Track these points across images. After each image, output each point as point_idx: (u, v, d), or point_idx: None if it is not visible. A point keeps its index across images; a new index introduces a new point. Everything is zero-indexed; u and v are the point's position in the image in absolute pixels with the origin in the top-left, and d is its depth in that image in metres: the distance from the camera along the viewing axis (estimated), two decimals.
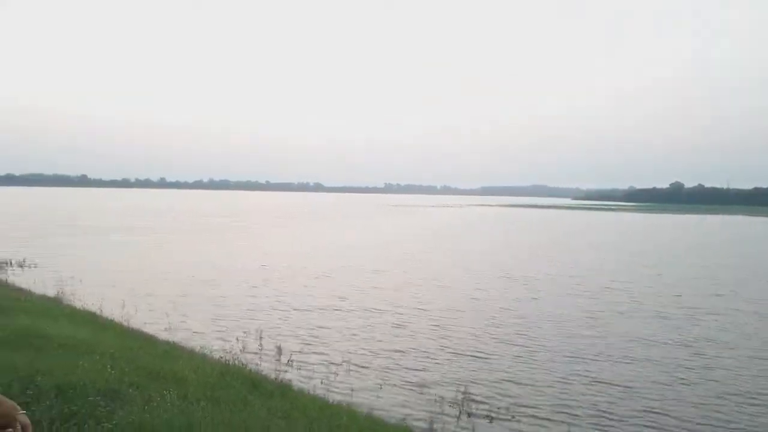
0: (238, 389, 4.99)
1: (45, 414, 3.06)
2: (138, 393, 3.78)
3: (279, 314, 11.88)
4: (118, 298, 12.26)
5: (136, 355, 5.35)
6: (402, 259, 21.72)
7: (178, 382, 4.48)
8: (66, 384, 3.58)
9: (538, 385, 7.90)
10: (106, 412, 3.26)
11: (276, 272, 17.58)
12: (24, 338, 4.97)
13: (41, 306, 7.75)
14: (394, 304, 13.23)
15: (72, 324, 6.73)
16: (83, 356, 4.54)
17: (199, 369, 5.36)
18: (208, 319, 11.23)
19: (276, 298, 13.48)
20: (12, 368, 3.75)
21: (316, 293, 14.31)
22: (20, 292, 9.38)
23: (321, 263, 19.98)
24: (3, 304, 6.93)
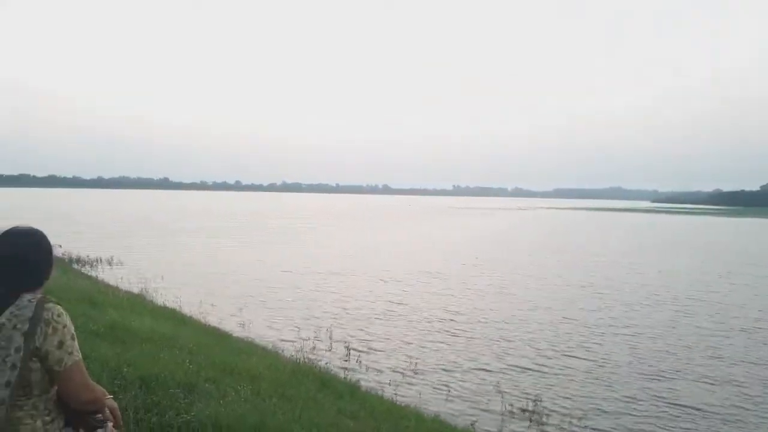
0: (309, 388, 5.09)
1: (130, 403, 3.24)
2: (214, 387, 3.93)
3: (349, 315, 12.03)
4: (196, 295, 12.83)
5: (213, 351, 5.57)
6: (472, 265, 21.44)
7: (252, 379, 4.62)
8: (149, 376, 3.76)
9: (612, 400, 7.58)
10: (185, 404, 3.40)
11: (348, 274, 17.84)
12: (112, 331, 5.28)
13: (127, 302, 8.22)
14: (463, 309, 13.09)
15: (154, 319, 7.10)
16: (164, 350, 4.77)
17: (271, 366, 5.51)
18: (281, 318, 11.53)
19: (346, 300, 13.66)
20: (102, 359, 3.98)
21: (387, 296, 14.37)
22: (109, 288, 10.00)
23: (391, 266, 20.09)
24: (95, 299, 7.40)
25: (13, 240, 1.98)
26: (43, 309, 1.80)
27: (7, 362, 1.73)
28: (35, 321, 1.77)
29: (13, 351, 1.74)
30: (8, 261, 1.93)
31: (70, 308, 5.33)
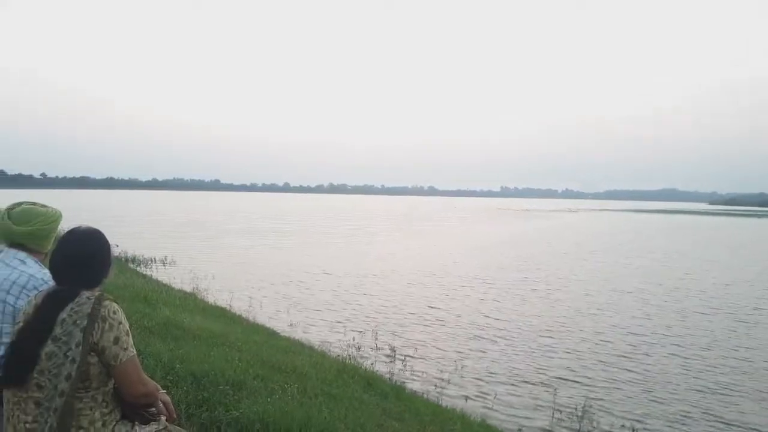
0: (354, 387, 5.12)
1: (182, 398, 3.33)
2: (262, 384, 4.00)
3: (396, 316, 12.04)
4: (246, 294, 13.12)
5: (261, 349, 5.67)
6: (524, 268, 21.10)
7: (299, 377, 4.68)
8: (200, 372, 3.86)
9: (664, 414, 7.31)
10: (234, 400, 3.48)
11: (396, 275, 17.86)
12: (166, 328, 5.45)
13: (180, 300, 8.47)
14: (510, 315, 12.90)
15: (205, 317, 7.29)
16: (214, 347, 4.89)
17: (317, 365, 5.56)
18: (327, 318, 11.65)
19: (393, 303, 13.68)
20: (156, 355, 4.11)
21: (436, 298, 14.31)
22: (162, 287, 10.32)
23: (441, 268, 20.00)
24: (150, 297, 7.64)
25: (76, 239, 2.07)
26: (101, 306, 1.88)
27: (68, 356, 1.81)
28: (93, 317, 1.85)
29: (73, 346, 1.82)
30: (70, 259, 2.02)
31: (127, 306, 5.53)
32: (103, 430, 1.89)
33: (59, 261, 2.03)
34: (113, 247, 2.20)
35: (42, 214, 2.91)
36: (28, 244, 2.93)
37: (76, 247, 2.04)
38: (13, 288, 2.83)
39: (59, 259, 2.03)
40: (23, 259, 2.91)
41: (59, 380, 1.80)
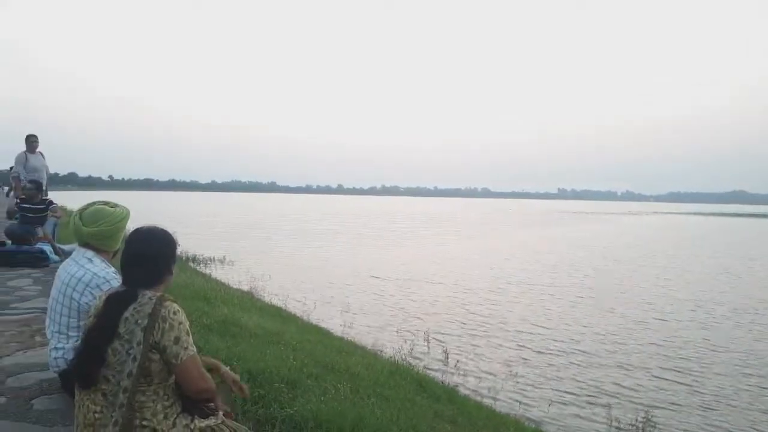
0: (406, 389, 5.11)
1: (238, 395, 3.41)
2: (315, 383, 4.05)
3: (449, 319, 11.97)
4: (300, 294, 13.33)
5: (314, 348, 5.75)
6: (587, 274, 20.57)
7: (351, 377, 4.71)
8: (256, 369, 3.95)
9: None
10: (289, 398, 3.54)
11: (450, 279, 17.74)
12: (224, 326, 5.60)
13: (237, 299, 8.68)
14: (573, 318, 12.59)
15: (261, 316, 7.45)
16: (270, 346, 4.99)
17: (370, 366, 5.59)
18: (381, 319, 11.70)
19: (449, 304, 13.62)
20: (215, 352, 4.23)
21: (491, 302, 14.13)
22: (221, 286, 10.61)
23: (497, 272, 19.74)
24: (209, 295, 7.87)
25: (138, 239, 2.17)
26: (161, 306, 1.96)
27: (130, 354, 1.90)
28: (154, 317, 1.93)
29: (135, 344, 1.91)
30: (133, 258, 2.12)
31: (187, 304, 5.72)
32: (165, 422, 1.97)
33: (124, 260, 2.13)
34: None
35: (109, 215, 3.06)
36: (95, 243, 3.11)
37: (138, 247, 2.13)
38: (78, 285, 3.01)
39: (124, 259, 2.13)
40: (91, 257, 3.09)
41: (122, 376, 1.89)
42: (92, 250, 3.06)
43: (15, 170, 9.45)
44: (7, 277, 7.37)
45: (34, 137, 9.58)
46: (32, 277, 7.47)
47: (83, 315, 2.99)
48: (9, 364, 3.81)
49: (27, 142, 9.53)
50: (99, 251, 3.07)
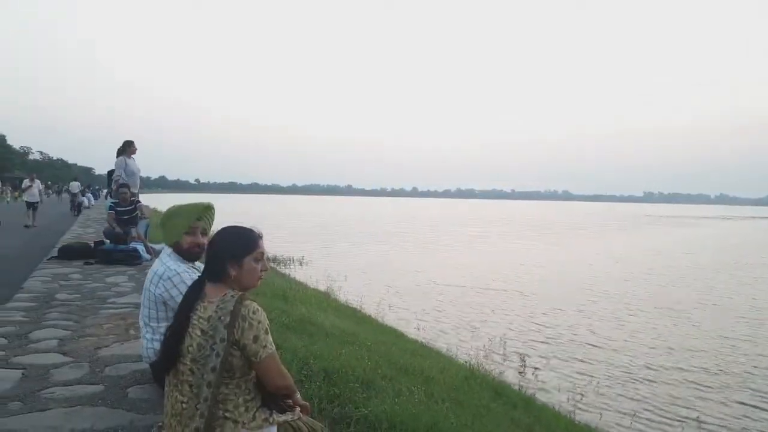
0: (481, 395, 5.03)
1: (315, 393, 3.49)
2: (390, 385, 4.06)
3: (528, 325, 11.69)
4: (376, 296, 13.44)
5: (389, 350, 5.77)
6: (680, 284, 19.48)
7: (426, 381, 4.69)
8: (331, 369, 4.01)
9: None
10: (363, 398, 3.57)
11: (529, 284, 17.34)
12: (301, 325, 5.73)
13: (314, 298, 8.88)
14: (662, 329, 11.96)
15: (337, 316, 7.58)
16: (345, 345, 5.06)
17: (444, 370, 5.55)
18: (456, 323, 11.60)
19: (527, 310, 13.30)
20: (293, 350, 4.34)
21: (573, 310, 13.67)
22: (299, 286, 10.90)
23: (581, 279, 19.06)
24: (288, 294, 8.10)
25: (213, 236, 2.27)
26: (242, 305, 2.03)
27: (214, 350, 1.99)
28: (234, 315, 2.00)
29: (218, 341, 1.99)
30: (206, 254, 2.23)
31: (268, 302, 5.91)
32: (246, 414, 2.05)
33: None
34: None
35: (169, 214, 3.35)
36: (164, 241, 3.42)
37: (209, 244, 2.25)
38: (154, 278, 3.25)
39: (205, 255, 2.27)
40: (169, 254, 3.34)
41: (206, 371, 1.99)
42: (170, 247, 3.29)
43: (116, 174, 10.13)
44: (105, 274, 7.93)
45: (132, 143, 10.23)
46: (127, 274, 7.99)
47: (160, 306, 3.18)
48: (107, 355, 4.08)
49: (125, 148, 10.17)
50: (173, 248, 3.28)
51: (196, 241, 3.19)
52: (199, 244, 3.20)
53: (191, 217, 3.19)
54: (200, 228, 3.21)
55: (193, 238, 3.19)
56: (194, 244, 3.19)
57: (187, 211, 3.22)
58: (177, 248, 3.23)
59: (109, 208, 9.99)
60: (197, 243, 3.19)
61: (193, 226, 3.19)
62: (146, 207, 10.66)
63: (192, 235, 3.19)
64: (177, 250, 3.24)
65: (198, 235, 3.20)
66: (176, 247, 3.23)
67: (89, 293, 6.49)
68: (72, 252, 9.49)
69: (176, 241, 3.20)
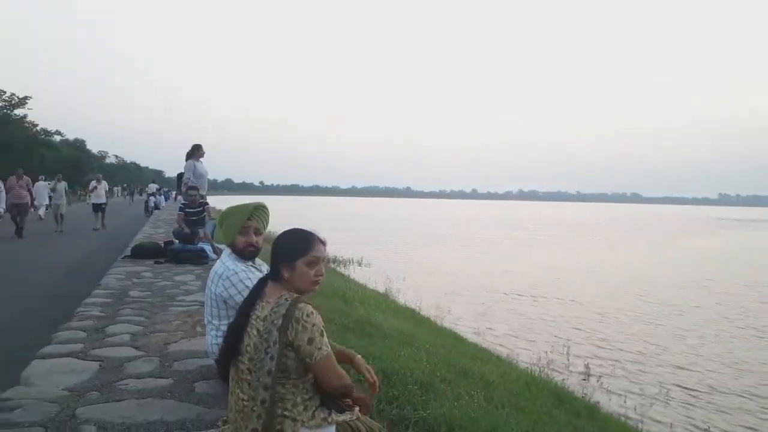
0: (543, 402, 4.91)
1: (375, 394, 3.50)
2: (449, 388, 4.03)
3: (594, 332, 11.32)
4: (434, 298, 13.36)
5: (448, 353, 5.73)
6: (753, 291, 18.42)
7: (485, 385, 4.63)
8: (390, 370, 4.02)
9: None
10: (422, 401, 3.55)
11: (595, 289, 16.81)
12: (360, 326, 5.78)
13: (373, 299, 8.93)
14: (740, 339, 11.32)
15: (395, 317, 7.60)
16: (403, 347, 5.06)
17: (504, 375, 5.45)
18: (517, 328, 11.39)
19: (594, 316, 12.89)
20: (353, 350, 4.38)
21: (641, 316, 13.15)
22: (358, 286, 10.99)
23: (650, 284, 18.28)
24: (347, 295, 8.19)
25: (280, 238, 2.31)
26: (295, 308, 2.06)
27: (268, 353, 2.03)
28: (287, 318, 2.03)
29: (272, 343, 2.03)
30: (273, 256, 2.28)
31: (326, 303, 5.99)
32: (305, 413, 2.08)
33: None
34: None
35: (224, 215, 3.45)
36: (220, 241, 3.53)
37: (273, 245, 2.31)
38: (215, 277, 3.37)
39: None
40: (228, 254, 3.45)
41: (262, 373, 2.03)
42: (229, 247, 3.39)
43: (186, 177, 10.55)
44: (174, 273, 8.27)
45: (200, 146, 10.62)
46: (194, 273, 8.30)
47: (221, 304, 3.28)
48: (175, 350, 4.26)
49: (194, 151, 10.57)
50: (231, 248, 3.39)
51: (249, 241, 3.27)
52: (252, 243, 3.27)
53: (242, 217, 3.28)
54: (252, 227, 3.28)
55: (246, 238, 3.27)
56: (247, 243, 3.27)
57: (239, 211, 3.31)
58: (233, 248, 3.33)
59: (179, 210, 10.43)
60: (250, 242, 3.27)
61: (244, 226, 3.26)
62: (213, 208, 11.05)
63: (245, 235, 3.27)
64: (234, 250, 3.34)
65: (251, 235, 3.28)
66: (232, 247, 3.33)
67: (159, 291, 6.79)
68: (144, 251, 9.96)
69: (231, 241, 3.30)
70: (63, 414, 2.98)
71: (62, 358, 3.96)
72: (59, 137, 57.38)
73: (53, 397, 3.22)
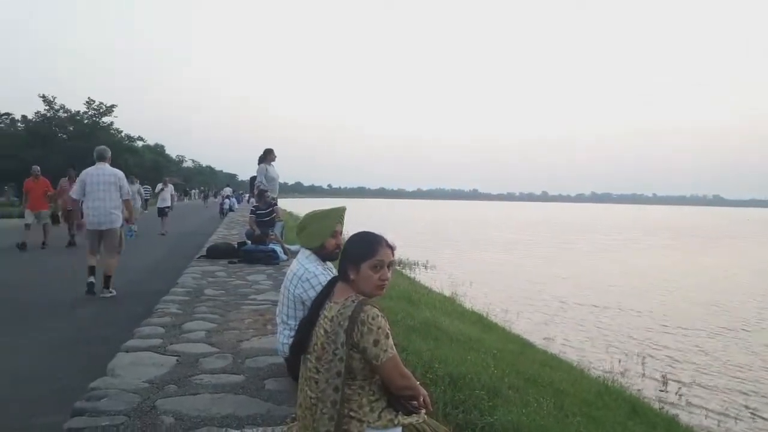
0: (617, 412, 4.72)
1: (440, 397, 3.49)
2: (517, 395, 3.95)
3: (672, 341, 10.77)
4: (503, 303, 13.14)
5: (516, 359, 5.61)
6: None
7: (555, 393, 4.50)
8: (456, 374, 3.99)
9: None
10: (489, 406, 3.50)
11: (676, 296, 16.02)
12: (426, 328, 5.76)
13: (439, 302, 8.88)
14: None
15: (462, 322, 7.51)
16: (470, 352, 5.00)
17: (576, 383, 5.28)
18: (589, 335, 11.00)
19: (672, 323, 12.27)
20: (417, 353, 4.38)
21: (724, 324, 12.40)
22: (424, 289, 10.96)
23: (735, 292, 17.23)
24: (412, 297, 8.19)
25: (349, 241, 2.35)
26: (361, 310, 2.07)
27: (336, 354, 2.05)
28: (353, 320, 2.05)
29: (339, 345, 2.06)
30: (341, 258, 2.32)
31: (392, 304, 6.02)
32: (371, 414, 2.09)
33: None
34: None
35: (315, 218, 3.54)
36: (303, 244, 3.63)
37: (343, 247, 2.34)
38: (293, 278, 3.46)
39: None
40: (307, 255, 3.55)
41: (331, 374, 2.06)
42: (308, 249, 3.49)
43: (257, 180, 10.90)
44: (247, 273, 8.55)
45: (272, 150, 10.94)
46: (266, 273, 8.56)
47: (298, 305, 3.36)
48: (247, 348, 4.40)
49: (266, 155, 10.89)
50: (313, 250, 3.47)
51: (338, 243, 3.41)
52: (340, 245, 3.38)
53: (336, 221, 3.44)
54: (340, 230, 3.45)
55: (336, 240, 3.45)
56: (337, 245, 3.43)
57: (335, 214, 3.45)
58: (321, 250, 3.43)
59: (250, 212, 10.80)
60: (339, 244, 3.40)
61: (337, 230, 3.42)
62: (282, 210, 11.37)
63: (335, 238, 3.44)
64: (320, 252, 3.44)
65: (339, 237, 3.42)
66: (321, 249, 3.43)
67: (232, 290, 7.04)
68: (218, 251, 10.38)
69: (321, 243, 3.41)
70: (144, 405, 3.14)
71: (143, 352, 4.18)
72: (141, 142, 60.68)
73: (135, 388, 3.41)
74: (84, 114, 44.87)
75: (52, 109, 43.60)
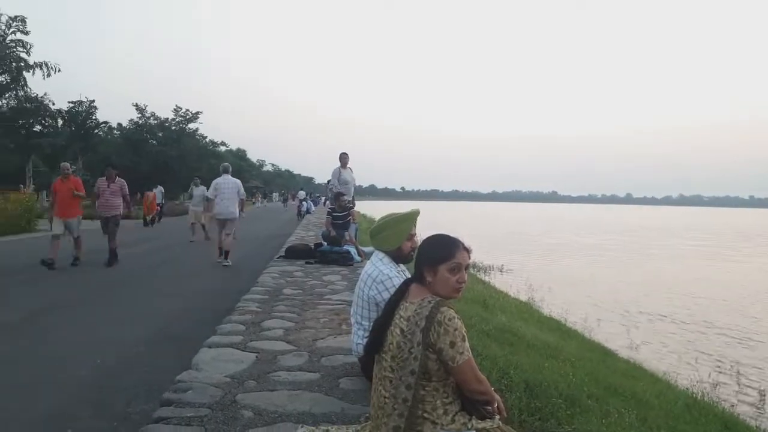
0: (707, 427, 4.43)
1: (515, 404, 3.41)
2: (596, 405, 3.80)
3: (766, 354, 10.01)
4: (582, 310, 12.67)
5: (596, 368, 5.40)
6: None
7: (638, 404, 4.29)
8: (533, 381, 3.89)
9: None
10: (567, 415, 3.39)
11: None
12: (501, 334, 5.67)
13: (515, 307, 8.71)
14: None
15: (539, 328, 7.32)
16: (547, 359, 4.86)
17: (661, 395, 5.02)
18: (676, 345, 10.41)
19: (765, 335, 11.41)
20: (492, 358, 4.31)
21: None
22: (499, 293, 10.78)
23: None
24: (487, 302, 8.08)
25: (425, 243, 2.35)
26: (438, 311, 2.07)
27: (412, 353, 2.06)
28: (430, 320, 2.05)
29: (415, 344, 2.06)
30: (416, 260, 2.33)
31: (467, 308, 5.96)
32: (444, 417, 2.08)
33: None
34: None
35: (392, 222, 3.57)
36: (378, 247, 3.66)
37: (418, 249, 2.35)
38: (368, 280, 3.51)
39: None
40: (381, 258, 3.59)
41: (405, 373, 2.07)
42: (382, 251, 3.54)
43: (331, 183, 11.15)
44: (323, 273, 8.75)
45: (345, 154, 11.16)
46: (341, 273, 8.72)
47: (372, 306, 3.41)
48: (323, 347, 4.50)
49: (340, 159, 11.13)
50: (387, 253, 3.51)
51: (414, 245, 3.44)
52: (414, 248, 3.42)
53: (412, 224, 3.48)
54: (414, 233, 3.50)
55: (412, 243, 3.49)
56: (412, 248, 3.47)
57: (410, 218, 3.49)
58: (397, 252, 3.48)
59: (327, 214, 11.05)
60: (414, 247, 3.43)
61: (412, 233, 3.48)
62: (357, 212, 11.56)
63: (411, 241, 3.47)
64: (395, 254, 3.49)
65: (414, 240, 3.45)
66: (396, 252, 3.47)
67: (309, 289, 7.23)
68: (296, 252, 10.69)
69: (398, 246, 3.46)
70: (226, 399, 3.29)
71: (225, 348, 4.37)
72: (224, 147, 63.53)
73: (217, 382, 3.57)
74: (172, 121, 47.54)
75: (143, 117, 46.46)
